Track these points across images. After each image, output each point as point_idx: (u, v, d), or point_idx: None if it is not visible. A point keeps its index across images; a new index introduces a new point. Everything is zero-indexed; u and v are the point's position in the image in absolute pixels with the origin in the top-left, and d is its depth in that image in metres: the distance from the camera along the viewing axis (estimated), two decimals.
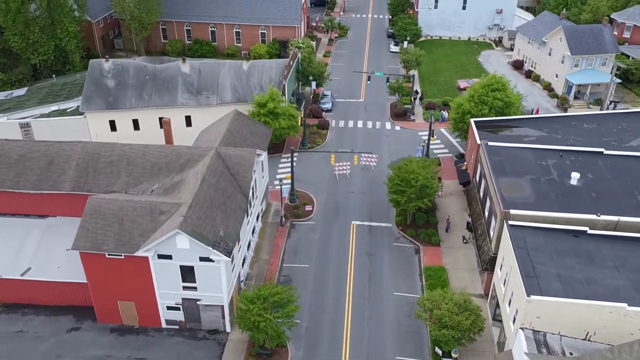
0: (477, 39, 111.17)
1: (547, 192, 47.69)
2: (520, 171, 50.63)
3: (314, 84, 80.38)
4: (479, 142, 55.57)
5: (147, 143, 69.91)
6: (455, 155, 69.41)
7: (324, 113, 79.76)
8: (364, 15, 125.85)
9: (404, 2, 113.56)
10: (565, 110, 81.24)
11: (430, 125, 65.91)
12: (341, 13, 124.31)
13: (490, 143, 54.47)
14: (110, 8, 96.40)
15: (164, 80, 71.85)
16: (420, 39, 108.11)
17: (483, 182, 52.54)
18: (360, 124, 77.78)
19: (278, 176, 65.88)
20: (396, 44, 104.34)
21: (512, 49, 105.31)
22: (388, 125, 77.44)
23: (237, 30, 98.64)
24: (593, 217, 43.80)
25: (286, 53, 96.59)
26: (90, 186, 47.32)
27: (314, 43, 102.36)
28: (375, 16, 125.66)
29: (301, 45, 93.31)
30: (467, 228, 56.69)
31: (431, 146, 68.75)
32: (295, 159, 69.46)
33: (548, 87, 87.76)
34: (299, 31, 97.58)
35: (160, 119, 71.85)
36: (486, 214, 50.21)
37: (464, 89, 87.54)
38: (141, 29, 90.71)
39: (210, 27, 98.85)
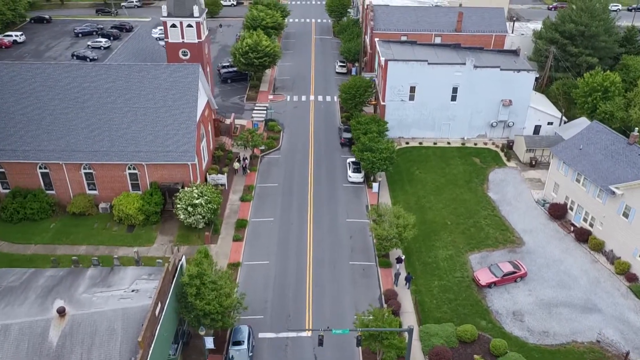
0: (476, 143, 73.65)
1: None
2: None
3: (209, 340, 39.65)
4: None
5: None
6: None
7: None
8: (303, 98, 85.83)
9: (364, 89, 74.58)
10: None
11: None
12: (270, 96, 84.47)
13: None
14: None
15: None
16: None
17: None
18: None
19: None
20: (357, 169, 65.29)
21: (532, 165, 68.45)
22: None
23: (88, 171, 57.15)
24: None
25: (173, 205, 56.15)
26: None
27: (224, 178, 62.18)
28: (320, 98, 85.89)
29: (199, 201, 53.38)
30: None
31: None
32: None
33: (625, 271, 50.86)
34: (194, 170, 57.10)
35: None
36: None
37: (488, 285, 49.59)
38: None
39: (40, 168, 56.97)
